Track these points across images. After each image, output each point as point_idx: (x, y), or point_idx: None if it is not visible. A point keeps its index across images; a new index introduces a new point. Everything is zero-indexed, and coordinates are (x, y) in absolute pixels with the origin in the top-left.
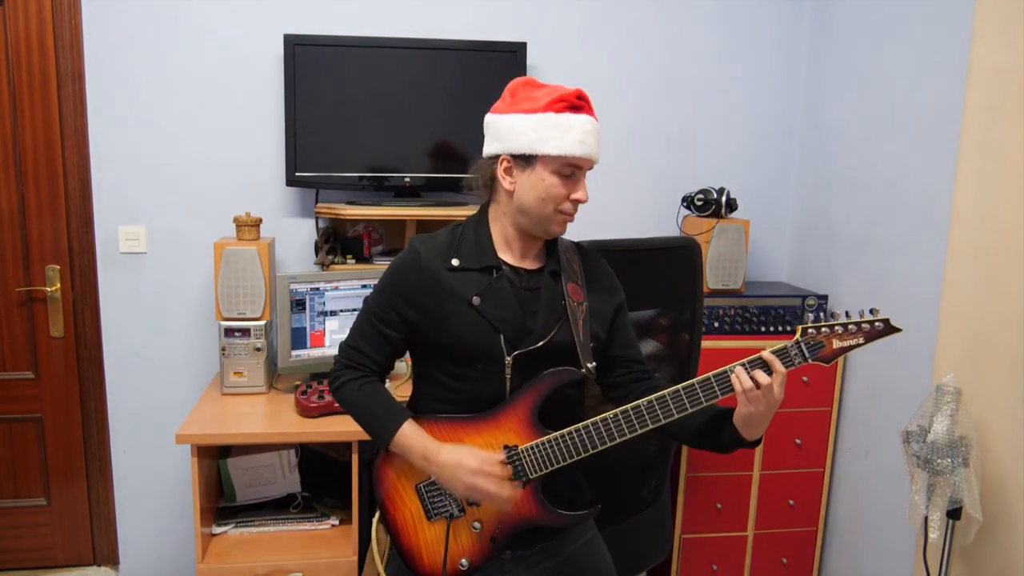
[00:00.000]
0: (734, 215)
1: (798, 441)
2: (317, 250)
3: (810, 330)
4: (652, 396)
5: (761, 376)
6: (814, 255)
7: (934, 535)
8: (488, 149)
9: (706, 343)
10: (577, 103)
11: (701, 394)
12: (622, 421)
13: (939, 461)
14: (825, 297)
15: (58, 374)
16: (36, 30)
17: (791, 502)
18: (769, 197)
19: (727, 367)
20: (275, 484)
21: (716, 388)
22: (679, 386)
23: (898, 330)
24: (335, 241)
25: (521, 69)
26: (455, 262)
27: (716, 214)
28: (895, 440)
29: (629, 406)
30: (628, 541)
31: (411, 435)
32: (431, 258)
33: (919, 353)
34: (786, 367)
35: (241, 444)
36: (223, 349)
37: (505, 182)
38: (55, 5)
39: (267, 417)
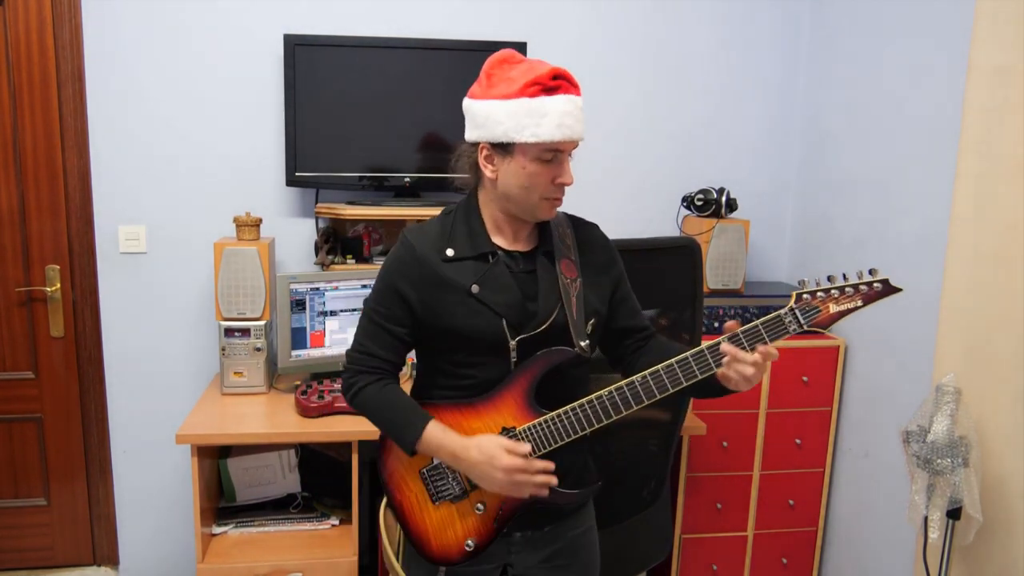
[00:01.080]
0: (734, 215)
1: (798, 441)
2: (317, 250)
3: (804, 295)
4: (646, 372)
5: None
6: (814, 255)
7: (934, 535)
8: (468, 135)
9: (706, 343)
10: (552, 84)
11: (696, 368)
12: (617, 399)
13: (939, 461)
14: None
15: (58, 374)
16: (36, 30)
17: (791, 502)
18: (769, 197)
19: (720, 339)
20: (275, 484)
21: (711, 362)
22: (673, 360)
23: (898, 290)
24: (335, 241)
25: None
26: (450, 252)
27: (716, 214)
28: (895, 440)
29: (624, 383)
30: (628, 541)
31: (438, 434)
32: (426, 250)
33: (919, 353)
34: (780, 335)
35: (241, 444)
36: (223, 349)
37: (487, 170)
38: (55, 5)
39: (267, 417)
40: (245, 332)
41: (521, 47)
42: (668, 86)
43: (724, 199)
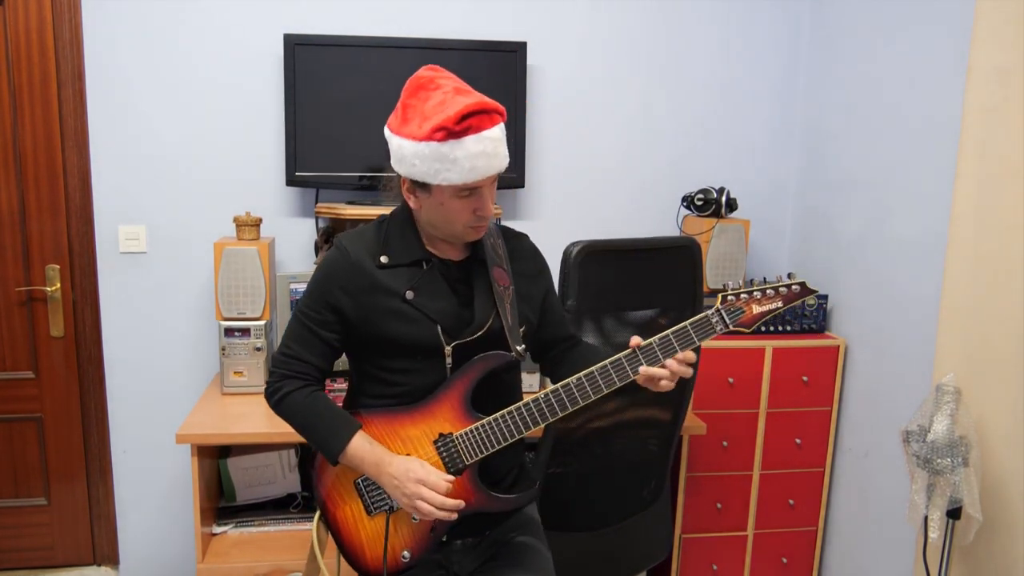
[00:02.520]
0: (734, 215)
1: (798, 441)
2: (317, 250)
3: (730, 297)
4: (581, 374)
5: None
6: (814, 255)
7: (934, 535)
8: (392, 163)
9: (706, 343)
10: (458, 129)
11: (628, 369)
12: (553, 401)
13: (939, 461)
14: (825, 297)
15: (58, 374)
16: (36, 30)
17: (791, 502)
18: (769, 197)
19: (642, 344)
20: (275, 484)
21: (643, 361)
22: (606, 362)
23: (814, 291)
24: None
25: (521, 69)
26: (384, 259)
27: (716, 214)
28: (895, 440)
29: (559, 385)
30: (628, 541)
31: (363, 446)
32: (361, 256)
33: (919, 353)
34: (708, 335)
35: (241, 444)
36: (223, 349)
37: (410, 201)
38: (55, 5)
39: (267, 417)
40: (245, 332)
41: (521, 47)
42: (668, 86)
43: (724, 199)
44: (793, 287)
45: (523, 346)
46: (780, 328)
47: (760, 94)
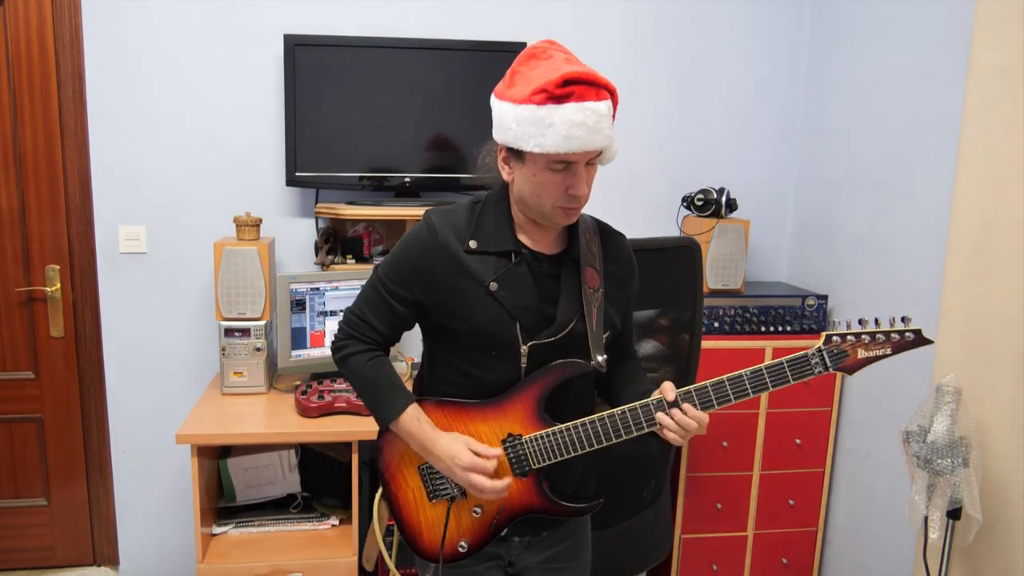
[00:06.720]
0: (734, 215)
1: (798, 441)
2: (317, 250)
3: (835, 338)
4: (661, 396)
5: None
6: (814, 255)
7: (934, 535)
8: (493, 130)
9: (706, 343)
10: (560, 92)
11: (714, 397)
12: (629, 418)
13: (939, 461)
14: (825, 297)
15: (58, 374)
16: (36, 30)
17: (791, 502)
18: (769, 197)
19: (731, 375)
20: (275, 484)
21: (730, 393)
22: (706, 383)
23: (929, 341)
24: (335, 241)
25: None
26: (473, 244)
27: (716, 214)
28: (895, 440)
29: (638, 403)
30: (628, 541)
31: (412, 420)
32: (448, 237)
33: (919, 353)
34: (804, 376)
35: (241, 444)
36: (223, 349)
37: (504, 172)
38: (55, 5)
39: (267, 417)
40: (245, 332)
41: (521, 47)
42: (668, 86)
43: (724, 199)
44: (906, 335)
45: (604, 356)
46: (780, 328)
47: (760, 94)
